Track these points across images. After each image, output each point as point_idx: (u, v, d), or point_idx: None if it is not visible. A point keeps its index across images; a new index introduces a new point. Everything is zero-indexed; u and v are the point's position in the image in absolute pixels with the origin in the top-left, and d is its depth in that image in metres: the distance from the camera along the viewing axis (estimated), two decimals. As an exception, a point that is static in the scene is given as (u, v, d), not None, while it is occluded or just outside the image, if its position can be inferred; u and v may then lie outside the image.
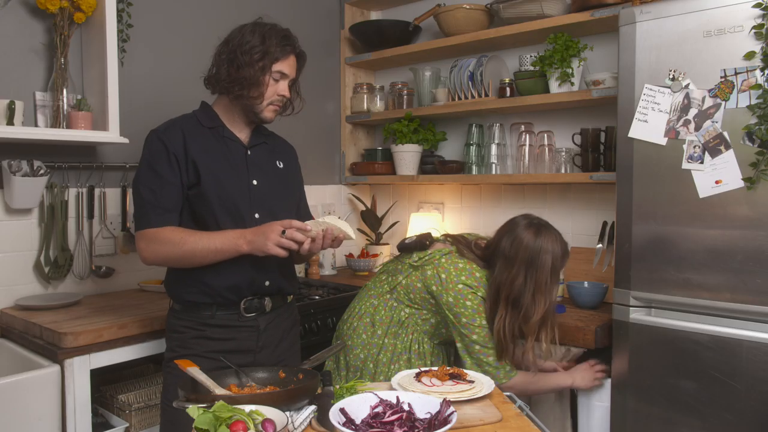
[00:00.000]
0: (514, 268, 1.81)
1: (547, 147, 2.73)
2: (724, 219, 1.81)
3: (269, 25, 1.74)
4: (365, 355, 1.96)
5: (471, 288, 1.86)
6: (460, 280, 1.86)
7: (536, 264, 1.81)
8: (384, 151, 3.35)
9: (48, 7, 2.15)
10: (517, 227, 1.87)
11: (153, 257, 1.68)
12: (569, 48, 2.53)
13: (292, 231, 1.59)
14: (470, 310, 1.85)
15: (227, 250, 1.64)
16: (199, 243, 1.63)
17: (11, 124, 2.09)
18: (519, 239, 1.84)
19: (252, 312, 1.75)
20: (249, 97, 1.71)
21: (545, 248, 1.82)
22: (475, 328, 1.86)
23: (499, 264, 1.85)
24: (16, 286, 2.26)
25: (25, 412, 1.78)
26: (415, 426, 1.19)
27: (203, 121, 1.76)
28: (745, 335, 1.78)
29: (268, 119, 1.78)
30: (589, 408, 2.11)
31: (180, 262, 1.68)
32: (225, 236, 1.64)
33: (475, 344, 1.87)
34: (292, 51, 1.75)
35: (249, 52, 1.68)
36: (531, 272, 1.81)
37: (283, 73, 1.74)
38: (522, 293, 1.80)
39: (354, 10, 3.49)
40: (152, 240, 1.66)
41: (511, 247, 1.84)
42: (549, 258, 1.81)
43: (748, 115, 1.76)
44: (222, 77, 1.71)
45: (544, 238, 1.83)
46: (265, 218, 1.75)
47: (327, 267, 3.24)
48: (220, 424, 1.10)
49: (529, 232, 1.84)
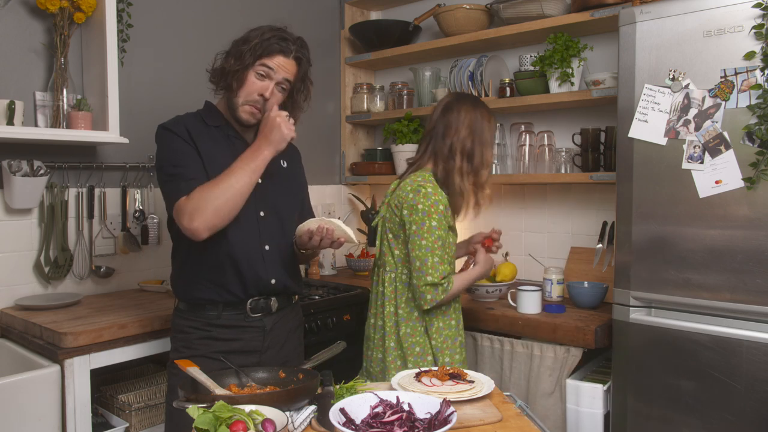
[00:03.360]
0: (463, 125, 1.99)
1: (547, 147, 2.73)
2: (724, 219, 1.81)
3: (279, 27, 1.73)
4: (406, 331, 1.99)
5: (421, 188, 1.93)
6: (411, 188, 1.95)
7: (480, 123, 2.01)
8: (384, 151, 3.35)
9: (48, 7, 2.15)
10: (452, 104, 2.04)
11: (202, 224, 1.56)
12: (569, 48, 2.53)
13: (272, 106, 1.68)
14: (420, 213, 1.91)
15: (256, 166, 1.63)
16: (230, 179, 1.59)
17: (11, 124, 2.09)
18: (461, 110, 2.01)
19: (258, 312, 1.74)
20: (231, 89, 1.71)
21: (483, 110, 2.03)
22: (425, 232, 1.90)
23: (447, 132, 2.00)
24: (16, 286, 2.26)
25: (25, 412, 1.78)
26: (415, 426, 1.19)
27: (208, 119, 1.76)
28: (745, 335, 1.78)
29: (242, 120, 1.72)
30: (579, 415, 2.11)
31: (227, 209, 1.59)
32: (245, 156, 1.64)
33: (417, 259, 1.91)
34: (281, 51, 1.69)
35: (242, 46, 1.68)
36: (477, 130, 1.99)
37: (269, 68, 1.68)
38: (473, 147, 1.99)
39: (354, 10, 3.50)
40: (191, 210, 1.57)
41: (453, 116, 2.01)
42: (488, 116, 2.04)
43: (748, 115, 1.76)
44: (217, 70, 1.73)
45: (480, 103, 2.05)
46: (269, 217, 1.76)
47: (327, 267, 3.25)
48: (220, 424, 1.10)
49: (466, 102, 2.03)
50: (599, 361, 2.36)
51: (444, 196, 1.95)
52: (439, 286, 1.90)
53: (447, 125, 2.01)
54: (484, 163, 2.00)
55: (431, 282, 1.89)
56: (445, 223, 1.93)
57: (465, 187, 1.98)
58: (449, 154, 1.99)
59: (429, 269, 1.89)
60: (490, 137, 2.04)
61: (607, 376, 2.15)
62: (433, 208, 1.91)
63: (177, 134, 1.68)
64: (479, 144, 1.99)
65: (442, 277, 1.90)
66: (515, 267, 2.58)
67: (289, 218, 1.82)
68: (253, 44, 1.67)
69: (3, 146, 2.19)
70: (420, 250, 1.91)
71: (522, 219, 2.99)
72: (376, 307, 2.09)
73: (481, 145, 2.00)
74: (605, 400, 2.09)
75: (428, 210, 1.90)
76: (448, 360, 1.99)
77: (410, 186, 1.97)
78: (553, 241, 2.89)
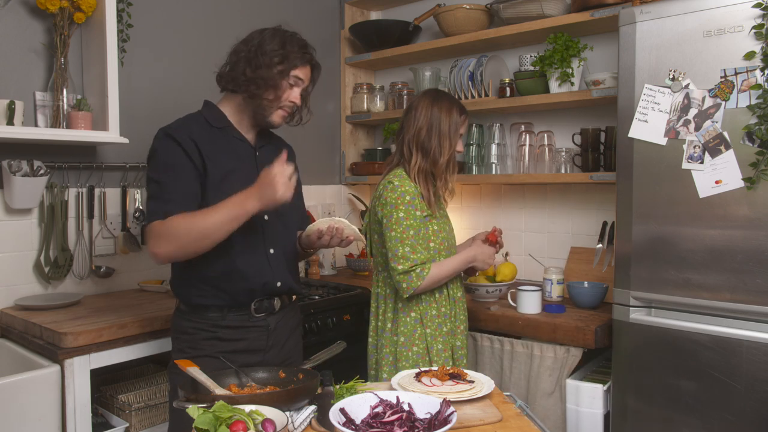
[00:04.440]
0: (419, 121, 2.05)
1: (547, 147, 2.73)
2: (724, 219, 1.81)
3: (290, 32, 1.76)
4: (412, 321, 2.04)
5: (389, 183, 2.00)
6: (381, 186, 2.04)
7: (438, 115, 2.04)
8: (384, 151, 3.35)
9: (48, 7, 2.15)
10: (413, 102, 2.11)
11: (165, 250, 1.58)
12: (569, 48, 2.53)
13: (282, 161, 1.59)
14: (389, 206, 1.98)
15: (239, 217, 1.57)
16: (207, 220, 1.56)
17: (11, 124, 2.09)
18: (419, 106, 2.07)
19: (262, 312, 1.75)
20: (263, 98, 1.71)
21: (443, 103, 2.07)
22: (393, 224, 1.96)
23: (407, 129, 2.07)
24: (16, 286, 2.26)
25: (25, 412, 1.78)
26: (415, 426, 1.19)
27: (211, 120, 1.75)
28: (745, 335, 1.78)
29: (275, 124, 1.79)
30: (579, 415, 2.11)
31: (193, 247, 1.58)
32: (230, 202, 1.58)
33: (389, 250, 1.96)
34: (310, 60, 1.77)
35: (269, 54, 1.68)
36: (434, 122, 2.04)
37: (299, 79, 1.75)
38: (429, 140, 2.03)
39: (354, 10, 3.50)
40: (160, 234, 1.58)
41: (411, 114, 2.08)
42: (448, 106, 2.06)
43: (748, 115, 1.76)
44: (238, 75, 1.71)
45: (441, 96, 2.09)
46: (273, 219, 1.76)
47: (327, 267, 3.25)
48: (220, 424, 1.10)
49: (426, 97, 2.09)
50: (599, 361, 2.36)
51: (412, 186, 2.01)
52: (411, 273, 1.95)
53: (406, 124, 2.09)
54: (442, 153, 2.03)
55: (402, 270, 1.95)
56: (415, 213, 1.98)
57: (427, 179, 2.05)
58: (408, 152, 2.07)
59: (399, 259, 1.95)
60: (449, 128, 2.05)
61: (607, 376, 2.15)
62: (400, 200, 1.97)
63: (179, 143, 1.66)
64: (436, 135, 2.03)
65: (413, 265, 1.95)
66: (515, 267, 2.58)
67: (291, 220, 1.85)
68: (284, 54, 1.69)
69: (3, 146, 2.19)
70: (390, 242, 1.97)
71: (522, 219, 3.00)
72: (375, 309, 2.13)
73: (438, 136, 2.04)
74: (605, 400, 2.09)
75: (395, 202, 1.98)
76: (441, 347, 2.03)
77: (381, 185, 2.06)
78: (553, 241, 2.89)
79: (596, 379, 2.17)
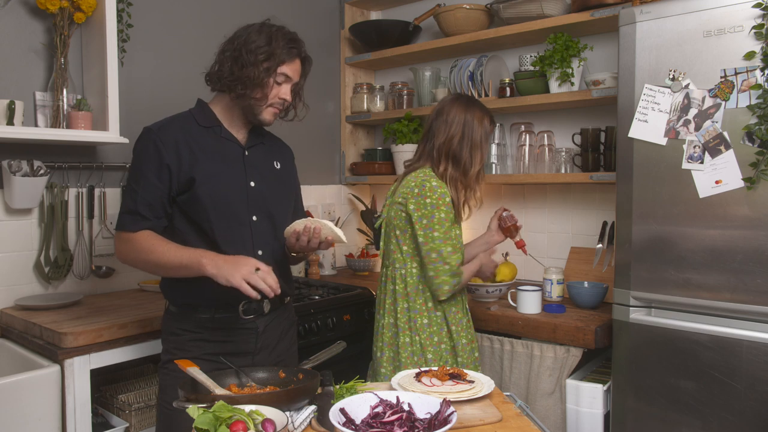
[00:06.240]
0: (452, 129, 2.04)
1: (547, 147, 2.73)
2: (724, 219, 1.81)
3: (276, 26, 1.72)
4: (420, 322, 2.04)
5: (425, 182, 1.98)
6: (415, 184, 2.01)
7: (471, 124, 2.04)
8: (384, 151, 3.35)
9: (48, 7, 2.15)
10: (444, 106, 2.09)
11: (125, 258, 1.70)
12: (569, 48, 2.53)
13: (266, 273, 1.54)
14: (429, 206, 1.96)
15: (191, 267, 1.57)
16: (165, 255, 1.60)
17: (11, 124, 2.09)
18: (451, 112, 2.06)
19: (250, 314, 1.72)
20: (251, 97, 1.69)
21: (476, 111, 2.06)
22: (435, 224, 1.96)
23: (438, 134, 2.06)
24: (16, 286, 2.26)
25: (25, 412, 1.78)
26: (415, 426, 1.19)
27: (200, 120, 1.74)
28: (745, 335, 1.78)
29: (266, 122, 1.76)
30: (579, 415, 2.11)
31: (147, 269, 1.68)
32: (192, 253, 1.59)
33: (433, 251, 1.95)
34: (298, 55, 1.73)
35: (254, 52, 1.65)
36: (467, 131, 2.03)
37: (287, 76, 1.71)
38: (460, 150, 2.03)
39: (354, 10, 3.50)
40: (126, 241, 1.67)
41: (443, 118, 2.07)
42: (480, 116, 2.06)
43: (748, 115, 1.76)
44: (224, 75, 1.69)
45: (473, 104, 2.08)
46: (262, 221, 1.73)
47: (327, 267, 3.25)
48: (220, 424, 1.10)
49: (459, 104, 2.08)
50: (599, 361, 2.36)
51: (447, 189, 2.01)
52: (457, 276, 1.97)
53: (438, 128, 2.07)
54: (473, 163, 2.04)
55: (450, 270, 1.96)
56: (451, 215, 1.99)
57: (456, 187, 2.03)
58: (437, 157, 2.05)
59: (447, 258, 1.96)
60: (481, 138, 2.06)
61: (607, 376, 2.15)
62: (441, 201, 1.97)
63: (158, 146, 1.64)
64: (467, 146, 2.04)
65: (458, 264, 1.98)
66: (515, 267, 2.58)
67: (281, 221, 1.78)
68: (269, 51, 1.66)
69: (3, 146, 2.19)
70: (434, 242, 1.96)
71: (522, 219, 2.99)
72: (386, 306, 2.09)
73: (469, 146, 2.04)
74: (605, 400, 2.09)
75: (436, 202, 1.96)
76: (465, 342, 2.06)
77: (414, 182, 2.02)
78: (553, 241, 2.89)
79: (596, 379, 2.17)
